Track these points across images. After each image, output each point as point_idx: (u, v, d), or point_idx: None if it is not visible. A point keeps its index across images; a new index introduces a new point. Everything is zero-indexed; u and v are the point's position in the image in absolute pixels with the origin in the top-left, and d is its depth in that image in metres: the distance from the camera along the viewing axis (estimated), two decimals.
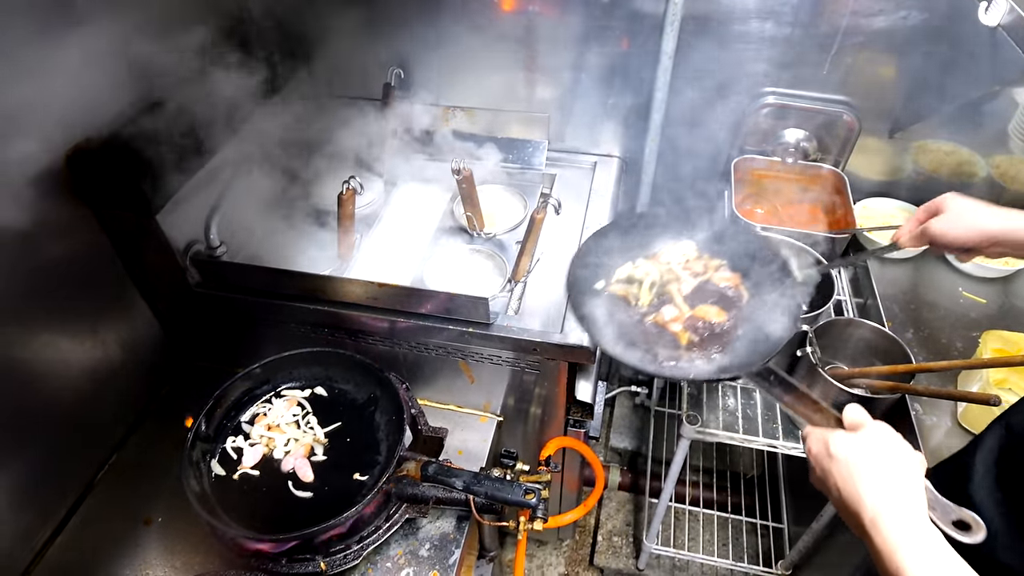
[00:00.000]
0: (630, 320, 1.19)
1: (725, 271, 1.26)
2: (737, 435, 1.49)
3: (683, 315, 1.18)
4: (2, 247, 1.21)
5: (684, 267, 1.27)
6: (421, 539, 1.36)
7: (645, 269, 1.25)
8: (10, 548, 1.30)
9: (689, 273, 1.26)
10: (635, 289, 1.23)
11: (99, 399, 1.48)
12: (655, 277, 1.23)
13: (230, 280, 1.44)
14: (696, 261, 1.29)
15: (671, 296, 1.21)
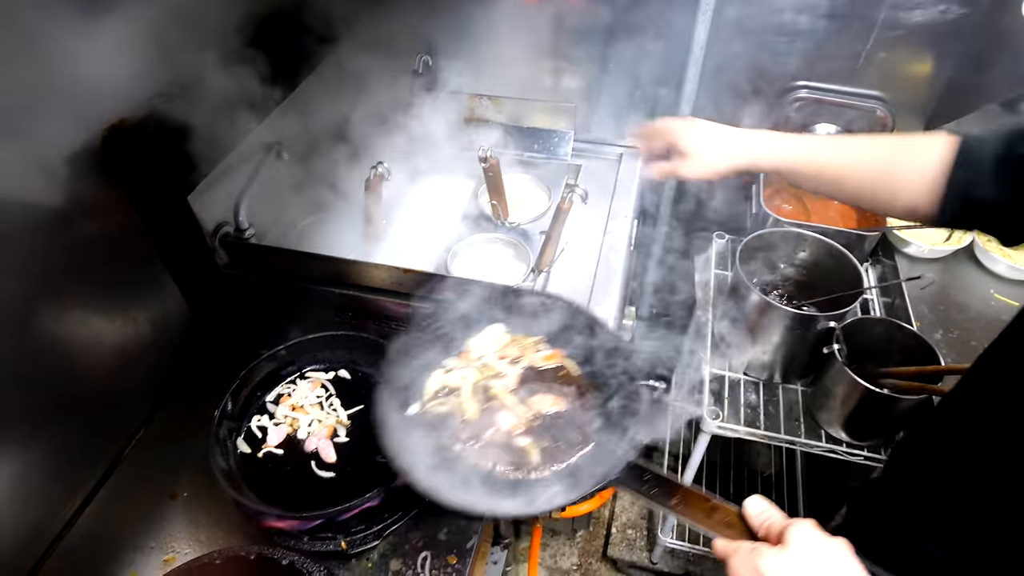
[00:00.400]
0: (462, 446, 1.02)
1: (543, 347, 1.17)
2: (758, 431, 1.48)
3: (522, 417, 1.07)
4: (40, 225, 1.24)
5: (500, 357, 1.14)
6: (440, 523, 1.37)
7: (460, 373, 1.11)
8: (42, 518, 1.34)
9: (507, 362, 1.14)
10: (457, 400, 1.09)
11: (129, 375, 1.51)
12: (474, 378, 1.10)
13: (257, 262, 1.46)
14: (510, 345, 1.16)
15: (499, 399, 1.08)
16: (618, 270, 1.50)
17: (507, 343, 1.17)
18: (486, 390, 1.10)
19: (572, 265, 1.52)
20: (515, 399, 1.09)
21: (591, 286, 1.47)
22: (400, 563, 1.31)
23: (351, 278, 1.41)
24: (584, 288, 1.47)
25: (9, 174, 1.16)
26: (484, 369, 1.13)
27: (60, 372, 1.33)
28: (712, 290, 1.75)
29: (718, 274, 1.81)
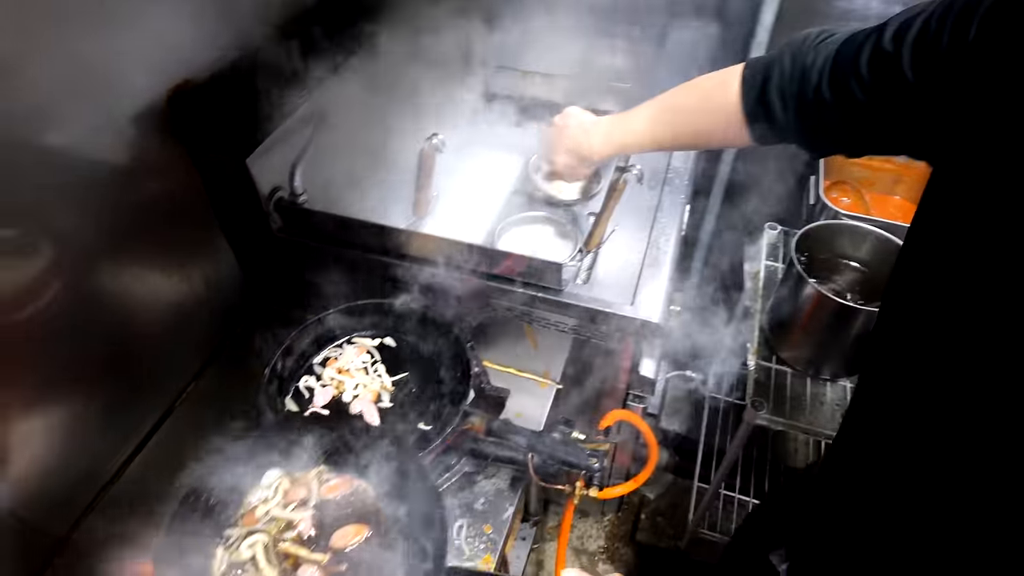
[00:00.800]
0: None
1: (328, 476, 1.12)
2: (801, 424, 1.45)
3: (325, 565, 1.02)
4: (106, 182, 1.28)
5: (287, 504, 1.07)
6: (476, 493, 1.39)
7: (247, 542, 1.02)
8: (95, 463, 1.39)
9: (295, 507, 1.07)
10: (256, 573, 1.00)
11: (181, 332, 1.55)
12: (264, 540, 1.02)
13: (310, 227, 1.49)
14: (294, 487, 1.10)
15: (297, 555, 1.02)
16: (668, 255, 1.48)
17: (288, 486, 1.10)
18: (282, 550, 1.03)
19: (621, 247, 1.51)
20: (307, 550, 1.03)
21: (639, 270, 1.45)
22: None
23: (400, 247, 1.42)
24: (632, 272, 1.46)
25: (79, 131, 1.19)
26: (274, 525, 1.06)
27: (116, 326, 1.38)
28: (762, 281, 1.72)
29: (768, 265, 1.77)
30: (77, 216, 1.23)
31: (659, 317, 1.34)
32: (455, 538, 1.32)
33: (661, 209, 1.59)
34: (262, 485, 1.12)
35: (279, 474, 1.13)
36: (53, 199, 1.17)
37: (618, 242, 1.51)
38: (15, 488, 1.18)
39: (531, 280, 1.38)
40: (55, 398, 1.25)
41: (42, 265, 1.18)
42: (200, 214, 1.54)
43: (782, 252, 1.83)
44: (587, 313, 1.37)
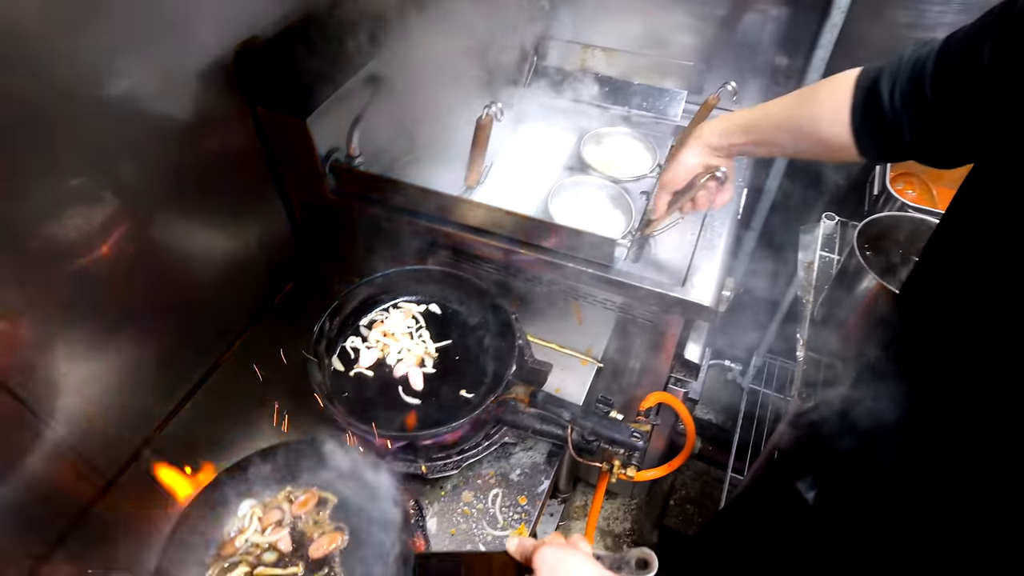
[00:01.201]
0: None
1: (296, 494, 1.19)
2: None
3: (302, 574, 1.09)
4: (171, 135, 1.30)
5: (263, 531, 1.14)
6: (513, 464, 1.40)
7: (230, 563, 1.10)
8: (149, 405, 1.45)
9: (273, 529, 1.15)
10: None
11: (233, 287, 1.59)
12: (245, 570, 1.10)
13: (364, 190, 1.50)
14: (267, 513, 1.17)
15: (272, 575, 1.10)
16: (722, 238, 1.45)
17: (262, 513, 1.17)
18: (256, 574, 1.10)
19: (676, 231, 1.47)
20: (280, 569, 1.10)
21: (692, 251, 1.43)
22: (472, 495, 1.35)
23: (453, 215, 1.42)
24: (684, 253, 1.44)
25: (147, 84, 1.21)
26: (252, 552, 1.13)
27: (172, 276, 1.41)
28: (816, 271, 1.67)
29: (823, 256, 1.72)
30: (140, 167, 1.26)
31: (711, 300, 1.31)
32: (490, 507, 1.34)
33: None
34: (237, 516, 1.17)
35: (252, 503, 1.19)
36: (118, 150, 1.20)
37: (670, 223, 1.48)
38: (75, 422, 1.23)
39: (581, 255, 1.36)
40: (115, 342, 1.30)
41: (105, 214, 1.21)
42: (257, 172, 1.57)
43: (838, 243, 1.77)
44: (636, 292, 1.35)
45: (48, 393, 1.18)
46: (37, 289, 1.10)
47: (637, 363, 1.59)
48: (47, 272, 1.12)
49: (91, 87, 1.10)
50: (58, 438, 1.21)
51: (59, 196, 1.11)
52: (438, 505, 1.33)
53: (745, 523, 1.47)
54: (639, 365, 1.59)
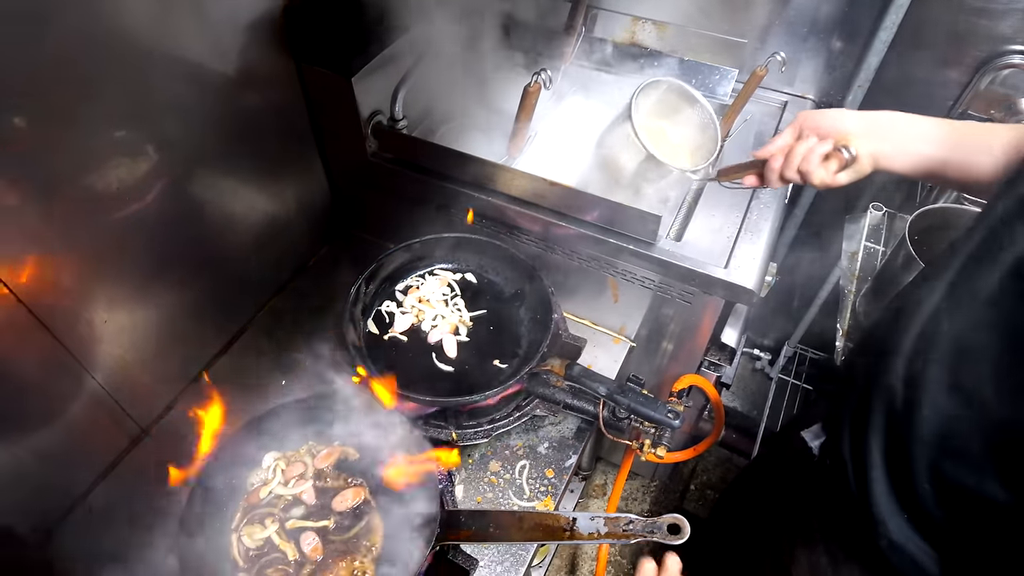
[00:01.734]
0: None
1: (318, 448, 1.20)
2: None
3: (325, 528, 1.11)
4: (215, 91, 1.30)
5: (286, 483, 1.16)
6: (541, 437, 1.40)
7: (250, 529, 1.10)
8: (184, 361, 1.46)
9: (296, 482, 1.16)
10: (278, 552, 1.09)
11: (271, 245, 1.60)
12: (275, 527, 1.11)
13: (405, 154, 1.48)
14: (291, 466, 1.18)
15: (304, 527, 1.11)
16: (768, 222, 1.42)
17: (285, 466, 1.18)
18: (292, 524, 1.11)
19: (719, 212, 1.44)
20: (312, 521, 1.12)
21: (736, 233, 1.39)
22: (499, 465, 1.35)
23: (494, 183, 1.40)
24: (727, 235, 1.40)
25: (193, 38, 1.21)
26: (276, 504, 1.14)
27: (210, 232, 1.42)
28: (859, 262, 1.63)
29: (868, 246, 1.68)
30: (184, 122, 1.26)
31: (754, 284, 1.29)
32: (517, 477, 1.34)
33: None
34: (262, 468, 1.18)
35: (275, 456, 1.20)
36: (163, 103, 1.20)
37: (717, 206, 1.45)
38: (113, 370, 1.25)
39: (624, 230, 1.34)
40: (153, 294, 1.31)
41: (148, 167, 1.21)
42: (299, 131, 1.56)
43: (884, 235, 1.73)
44: (678, 270, 1.32)
45: (88, 340, 1.19)
46: (79, 237, 1.12)
47: (670, 344, 1.57)
48: (90, 221, 1.13)
49: (138, 39, 1.09)
50: (96, 385, 1.23)
51: (103, 147, 1.11)
52: (465, 472, 1.33)
53: (754, 481, 1.47)
54: (672, 346, 1.57)
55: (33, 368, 1.11)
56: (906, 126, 1.02)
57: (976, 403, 0.77)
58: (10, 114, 0.94)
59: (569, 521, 0.99)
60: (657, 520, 0.94)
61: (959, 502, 0.81)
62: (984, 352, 0.76)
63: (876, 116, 1.03)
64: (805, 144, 1.02)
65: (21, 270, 1.03)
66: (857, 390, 0.93)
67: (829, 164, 1.00)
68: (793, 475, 1.20)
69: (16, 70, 0.93)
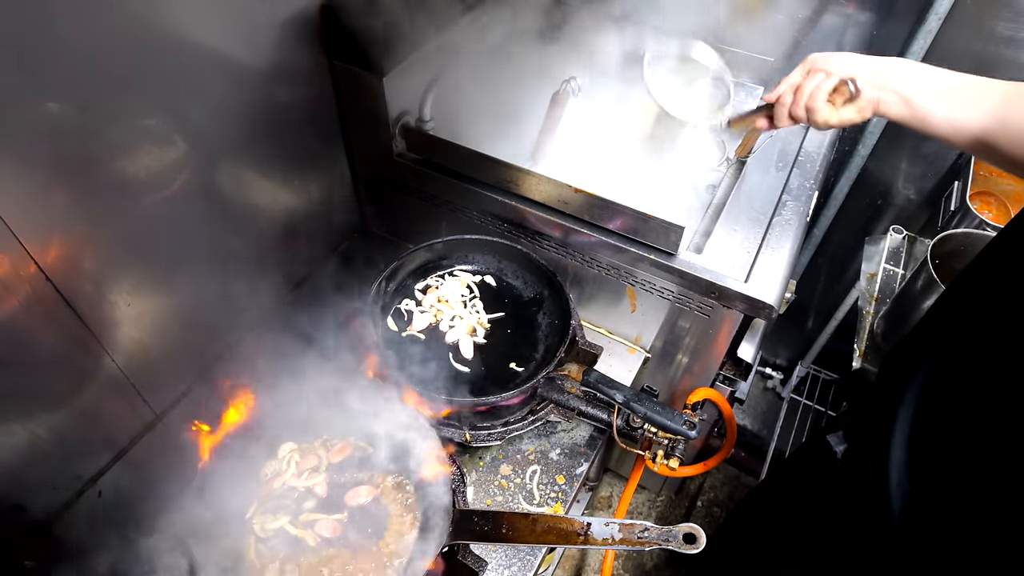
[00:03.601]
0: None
1: (333, 442, 1.21)
2: None
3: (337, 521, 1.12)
4: (246, 84, 1.31)
5: (300, 474, 1.17)
6: (553, 443, 1.39)
7: (263, 519, 1.11)
8: (203, 346, 1.47)
9: (309, 474, 1.17)
10: (297, 532, 1.11)
11: (292, 239, 1.61)
12: (288, 518, 1.12)
13: (432, 155, 1.49)
14: (305, 458, 1.19)
15: (317, 520, 1.12)
16: (790, 238, 1.42)
17: (300, 458, 1.19)
18: (302, 519, 1.12)
19: (740, 226, 1.44)
20: (326, 514, 1.13)
21: (757, 248, 1.39)
22: (510, 469, 1.35)
23: (518, 187, 1.41)
24: (749, 249, 1.40)
25: (229, 31, 1.22)
26: (289, 496, 1.15)
27: (233, 223, 1.43)
28: (878, 284, 1.62)
29: (887, 268, 1.67)
30: (214, 114, 1.27)
31: (774, 299, 1.28)
32: (527, 482, 1.33)
33: (788, 191, 1.51)
34: (276, 458, 1.19)
35: (291, 447, 1.20)
36: (194, 94, 1.21)
37: (738, 222, 1.45)
38: (132, 353, 1.26)
39: (646, 240, 1.34)
40: (176, 281, 1.32)
41: (176, 156, 1.23)
42: (327, 128, 1.57)
43: (903, 258, 1.72)
44: (698, 282, 1.33)
45: (111, 322, 1.20)
46: (108, 221, 1.13)
47: (685, 357, 1.56)
48: (118, 206, 1.14)
49: (173, 29, 1.11)
50: (115, 367, 1.24)
51: (135, 134, 1.13)
52: (476, 475, 1.33)
53: (765, 502, 1.46)
54: (686, 359, 1.57)
55: (56, 346, 1.12)
56: (918, 77, 1.00)
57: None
58: (51, 98, 0.95)
59: (583, 526, 0.98)
60: (673, 529, 0.93)
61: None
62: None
63: (889, 62, 1.04)
64: (812, 80, 1.06)
65: (50, 249, 1.04)
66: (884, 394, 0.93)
67: (835, 101, 1.04)
68: (809, 491, 1.19)
69: (61, 59, 0.94)
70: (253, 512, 1.12)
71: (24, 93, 0.92)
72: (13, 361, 1.05)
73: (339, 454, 1.20)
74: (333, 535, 1.08)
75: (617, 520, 1.01)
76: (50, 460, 1.19)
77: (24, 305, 1.03)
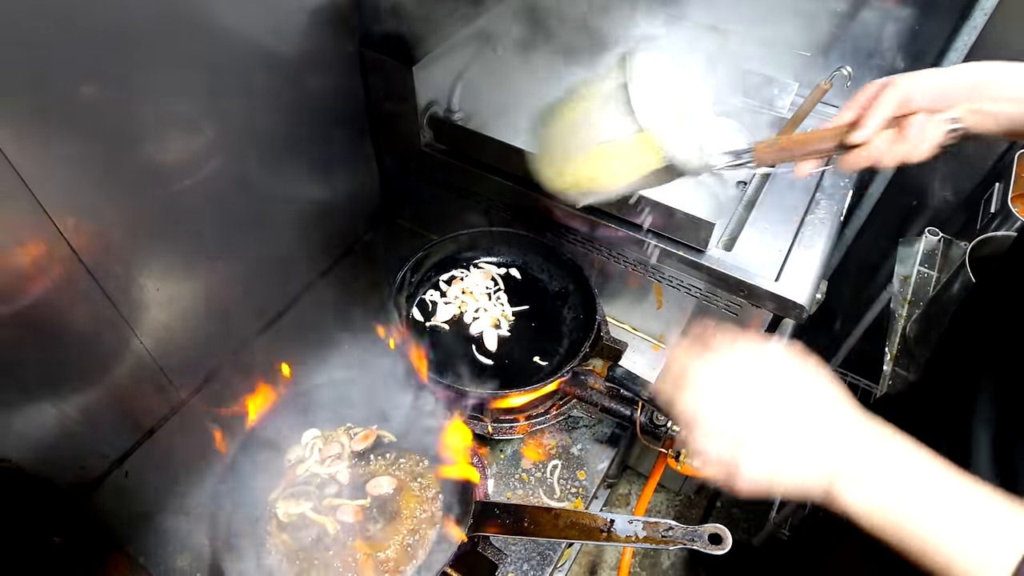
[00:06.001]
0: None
1: (356, 429, 1.22)
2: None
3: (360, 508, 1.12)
4: (276, 71, 1.30)
5: (323, 462, 1.18)
6: (575, 438, 1.38)
7: (286, 504, 1.11)
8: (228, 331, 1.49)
9: (332, 461, 1.18)
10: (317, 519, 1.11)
11: (317, 227, 1.61)
12: (310, 504, 1.11)
13: (460, 145, 1.48)
14: (328, 445, 1.20)
15: (341, 506, 1.12)
16: (823, 238, 1.38)
17: (323, 445, 1.20)
18: (324, 504, 1.13)
19: (772, 224, 1.41)
20: (348, 500, 1.13)
21: (788, 247, 1.36)
22: (531, 463, 1.34)
23: None
24: (779, 248, 1.37)
25: (259, 17, 1.22)
26: (311, 482, 1.15)
27: (262, 210, 1.43)
28: (912, 286, 1.58)
29: (921, 271, 1.63)
30: (243, 99, 1.27)
31: (805, 299, 1.26)
32: (548, 477, 1.32)
33: (822, 189, 1.48)
34: (300, 444, 1.19)
35: (314, 434, 1.21)
36: (223, 81, 1.21)
37: (769, 219, 1.42)
38: (160, 336, 1.27)
39: (674, 236, 1.32)
40: (203, 266, 1.33)
41: (205, 141, 1.23)
42: (354, 117, 1.57)
43: (938, 260, 1.68)
44: (727, 280, 1.30)
45: (140, 305, 1.21)
46: (137, 203, 1.13)
47: None
48: (148, 189, 1.14)
49: (204, 12, 1.11)
50: (143, 349, 1.26)
51: (166, 118, 1.13)
52: (497, 467, 1.33)
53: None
54: None
55: (86, 326, 1.13)
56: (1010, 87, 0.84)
57: None
58: (86, 79, 0.96)
59: (607, 522, 0.97)
60: (699, 528, 0.92)
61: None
62: None
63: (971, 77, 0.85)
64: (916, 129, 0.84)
65: (82, 230, 1.05)
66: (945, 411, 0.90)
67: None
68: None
69: (94, 39, 0.95)
70: (276, 497, 1.13)
71: (60, 73, 0.93)
72: (44, 340, 1.06)
73: (362, 442, 1.20)
74: (355, 520, 1.08)
75: (641, 518, 0.99)
76: (78, 439, 1.21)
77: (56, 285, 1.04)
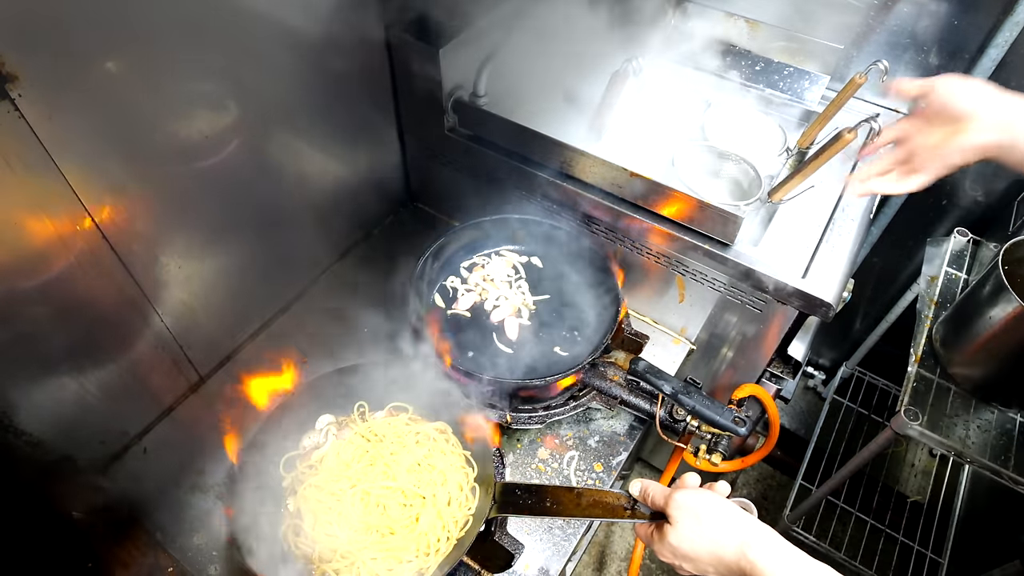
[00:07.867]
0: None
1: (374, 415, 1.22)
2: (955, 446, 1.32)
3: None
4: (301, 51, 1.29)
5: (338, 447, 1.18)
6: (592, 431, 1.37)
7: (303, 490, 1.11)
8: (248, 312, 1.49)
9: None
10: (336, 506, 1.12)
11: (338, 209, 1.61)
12: (323, 488, 1.11)
13: (484, 130, 1.47)
14: (343, 430, 1.20)
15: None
16: (852, 235, 1.36)
17: (338, 430, 1.20)
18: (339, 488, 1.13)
19: (800, 221, 1.39)
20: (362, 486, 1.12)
21: (816, 243, 1.34)
22: (548, 454, 1.33)
23: (571, 168, 1.38)
24: (807, 244, 1.34)
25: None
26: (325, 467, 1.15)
27: (285, 190, 1.42)
28: (939, 287, 1.55)
29: (949, 272, 1.60)
30: (268, 80, 1.26)
31: (832, 297, 1.24)
32: (564, 467, 1.32)
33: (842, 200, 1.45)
34: (315, 429, 1.19)
35: (329, 419, 1.20)
36: (249, 60, 1.20)
37: (795, 211, 1.40)
38: (180, 315, 1.27)
39: (701, 228, 1.30)
40: (226, 246, 1.33)
41: (230, 120, 1.22)
42: (379, 99, 1.56)
43: (967, 262, 1.65)
44: (752, 275, 1.28)
45: (162, 283, 1.22)
46: (162, 182, 1.13)
47: (731, 351, 1.52)
48: (172, 168, 1.14)
49: None
50: (164, 327, 1.26)
51: (191, 97, 1.12)
52: (513, 456, 1.32)
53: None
54: (732, 353, 1.53)
55: (109, 303, 1.13)
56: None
57: None
58: (113, 57, 0.95)
59: (629, 500, 0.97)
60: None
61: None
62: None
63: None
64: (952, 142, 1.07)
65: (106, 207, 1.05)
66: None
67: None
68: None
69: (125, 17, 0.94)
70: (291, 481, 1.13)
71: (87, 51, 0.92)
72: (67, 316, 1.07)
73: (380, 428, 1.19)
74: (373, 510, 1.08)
75: None
76: (99, 415, 1.22)
77: (80, 261, 1.04)
